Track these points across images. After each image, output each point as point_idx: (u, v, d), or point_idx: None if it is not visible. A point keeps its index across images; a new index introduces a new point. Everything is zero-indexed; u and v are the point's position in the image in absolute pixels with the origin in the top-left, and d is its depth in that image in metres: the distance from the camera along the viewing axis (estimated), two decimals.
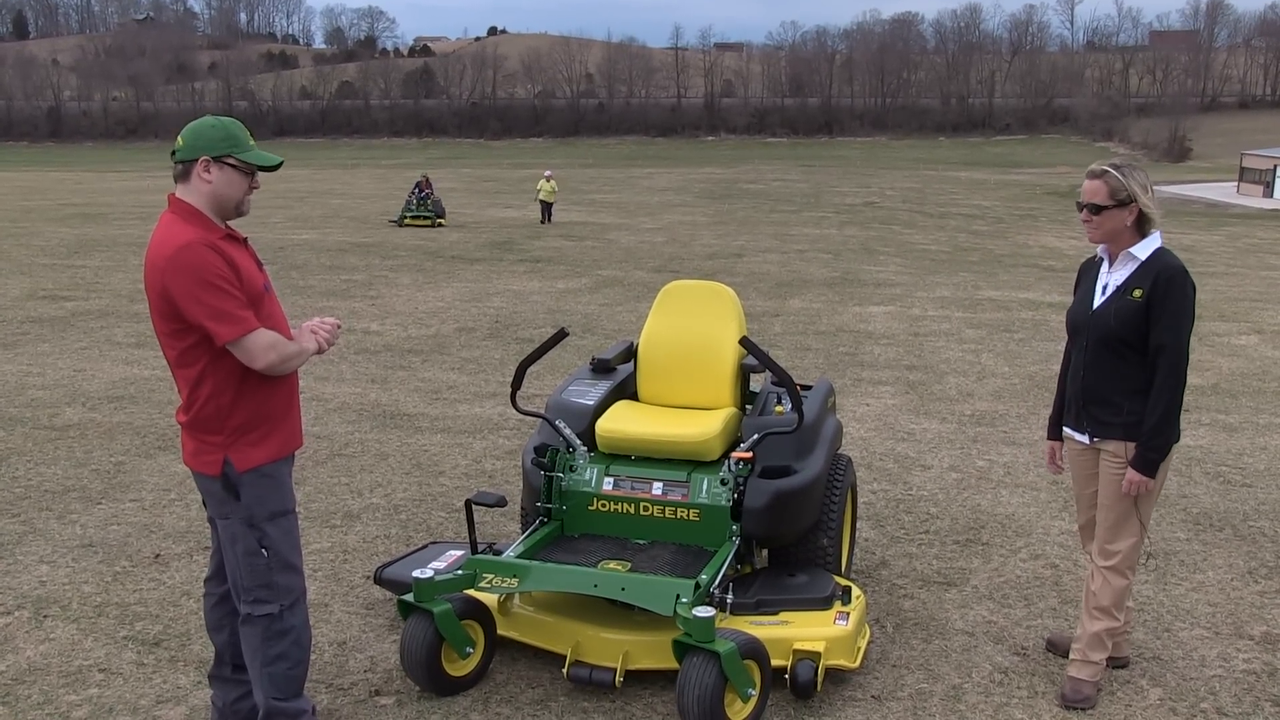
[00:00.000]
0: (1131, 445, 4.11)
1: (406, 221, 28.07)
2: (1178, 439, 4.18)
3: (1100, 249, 4.28)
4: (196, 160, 3.48)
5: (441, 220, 28.45)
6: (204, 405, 3.53)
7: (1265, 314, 14.86)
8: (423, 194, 28.99)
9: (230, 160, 3.50)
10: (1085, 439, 4.30)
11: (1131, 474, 4.09)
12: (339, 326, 3.83)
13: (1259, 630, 4.91)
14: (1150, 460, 4.08)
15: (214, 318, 3.38)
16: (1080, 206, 4.18)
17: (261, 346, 3.45)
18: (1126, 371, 4.12)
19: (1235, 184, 68.79)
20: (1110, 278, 4.21)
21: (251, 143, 3.59)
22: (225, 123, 3.56)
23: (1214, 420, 8.65)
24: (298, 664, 3.71)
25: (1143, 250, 4.12)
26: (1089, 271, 4.39)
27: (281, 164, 3.66)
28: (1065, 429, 4.44)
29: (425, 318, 13.44)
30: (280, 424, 3.65)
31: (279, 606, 3.64)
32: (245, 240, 3.69)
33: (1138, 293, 4.06)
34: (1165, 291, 4.02)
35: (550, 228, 27.83)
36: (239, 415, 3.54)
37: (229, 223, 3.63)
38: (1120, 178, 4.07)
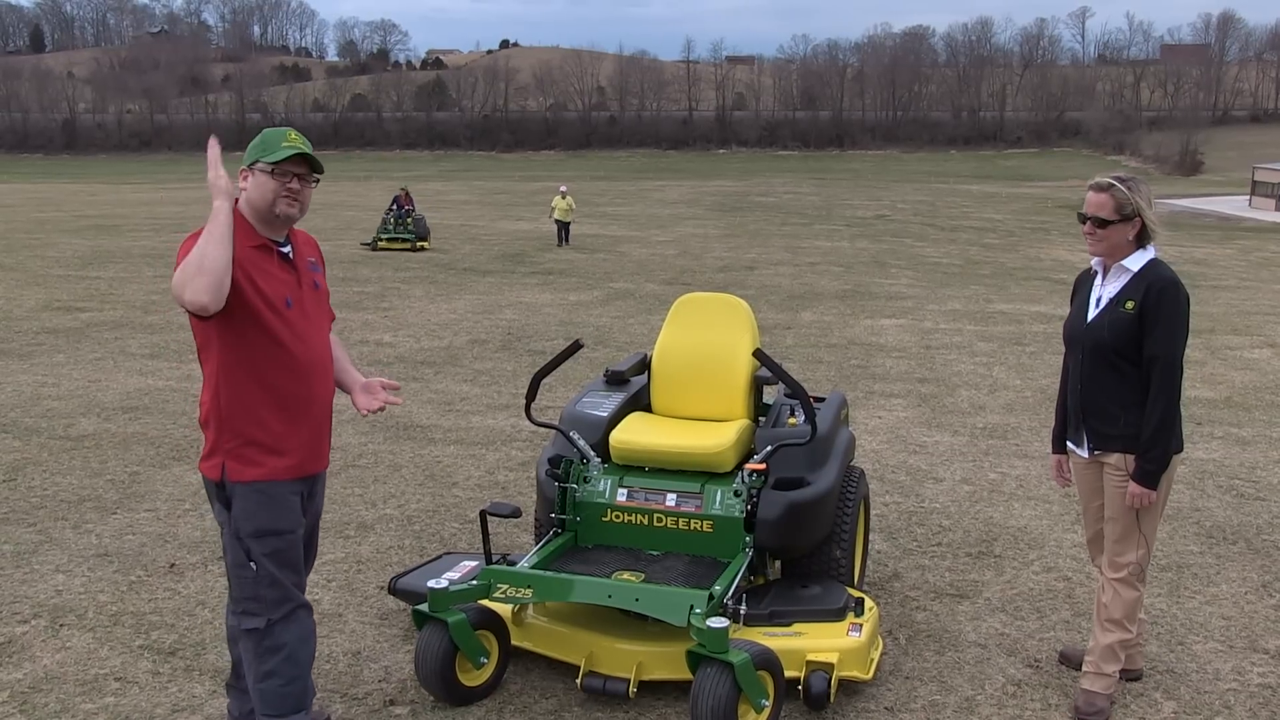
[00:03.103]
0: (1131, 458, 4.11)
1: (381, 245, 24.58)
2: (1180, 449, 4.16)
3: (1095, 261, 4.28)
4: (240, 173, 3.57)
5: (423, 243, 24.81)
6: (210, 407, 3.55)
7: (1278, 327, 14.82)
8: (402, 211, 25.47)
9: (259, 165, 3.52)
10: (1086, 453, 4.30)
11: (1133, 487, 4.09)
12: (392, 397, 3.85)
13: (1274, 644, 4.90)
14: (1149, 472, 4.06)
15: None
16: (1083, 218, 4.16)
17: (187, 277, 3.28)
18: (1122, 384, 4.12)
19: (1247, 197, 68.66)
20: (1104, 290, 4.22)
21: (284, 144, 3.53)
22: (268, 132, 3.60)
23: (1227, 434, 8.63)
24: (291, 681, 3.62)
25: (1135, 262, 4.13)
26: (1084, 284, 4.40)
27: (297, 155, 3.52)
28: (1068, 443, 4.43)
29: (438, 329, 13.48)
30: (286, 444, 3.57)
31: (266, 620, 3.56)
32: (288, 254, 3.64)
33: (1130, 304, 4.07)
34: (1157, 302, 4.02)
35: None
36: (240, 425, 3.51)
37: (288, 230, 3.65)
38: (1127, 192, 4.07)
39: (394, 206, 25.76)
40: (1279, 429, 8.89)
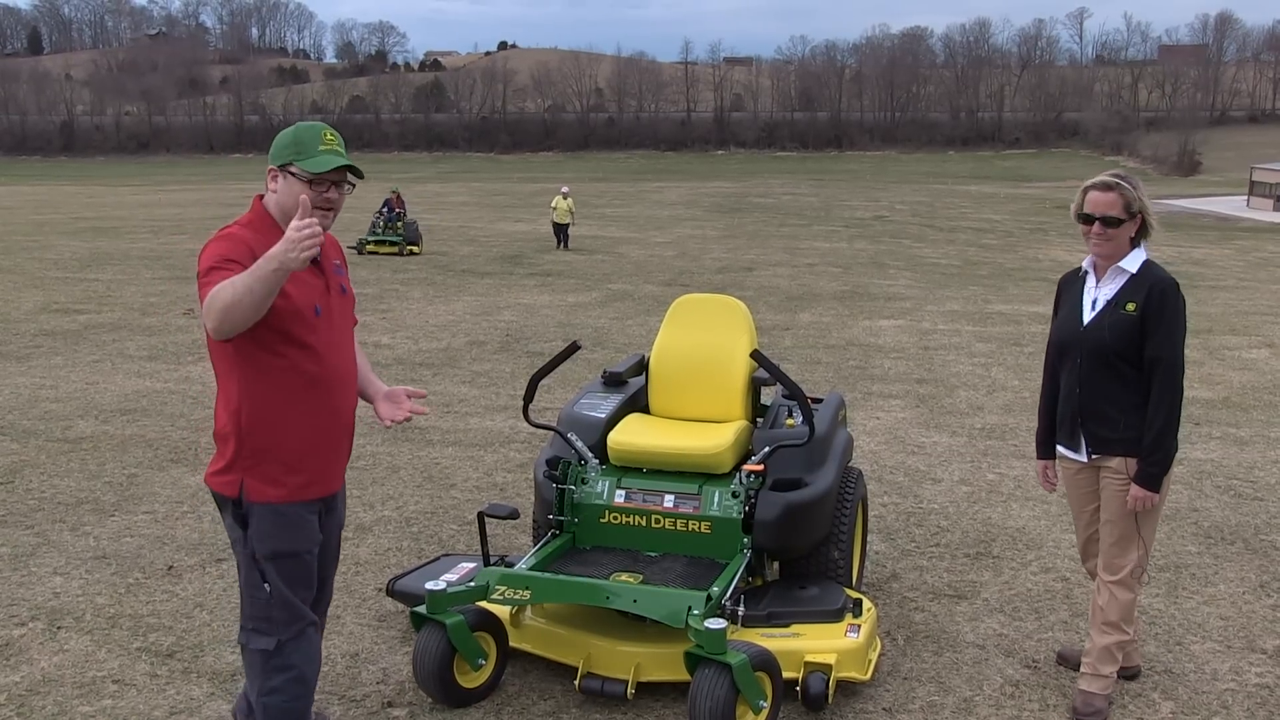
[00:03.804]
0: (1133, 461, 4.07)
1: (368, 248, 23.51)
2: (1175, 450, 4.15)
3: (1087, 262, 4.23)
4: (269, 172, 3.35)
5: (414, 248, 23.91)
6: (228, 420, 3.36)
7: (1276, 327, 14.82)
8: (393, 214, 24.53)
9: (292, 169, 3.29)
10: (1083, 457, 4.25)
11: (1136, 490, 4.06)
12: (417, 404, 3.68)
13: (1272, 644, 4.90)
14: (1153, 475, 4.03)
15: (200, 285, 3.13)
16: (1089, 219, 4.08)
17: (208, 302, 3.05)
18: (1123, 387, 4.07)
19: (1245, 198, 68.72)
20: (1099, 292, 4.15)
21: (322, 147, 3.31)
22: (300, 129, 3.36)
23: (1225, 434, 8.63)
24: (296, 699, 3.49)
25: (1132, 263, 4.09)
26: (1071, 286, 4.32)
27: (339, 168, 3.31)
28: (1059, 448, 4.37)
29: (436, 331, 13.48)
30: (308, 462, 3.40)
31: (276, 641, 3.43)
32: (315, 258, 3.31)
33: (1131, 306, 4.02)
34: (1160, 304, 3.98)
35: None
36: (261, 440, 3.34)
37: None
38: (1132, 189, 4.03)
39: (384, 209, 24.82)
40: (1277, 429, 8.90)
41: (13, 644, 4.74)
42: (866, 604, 4.53)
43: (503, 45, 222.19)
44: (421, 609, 4.24)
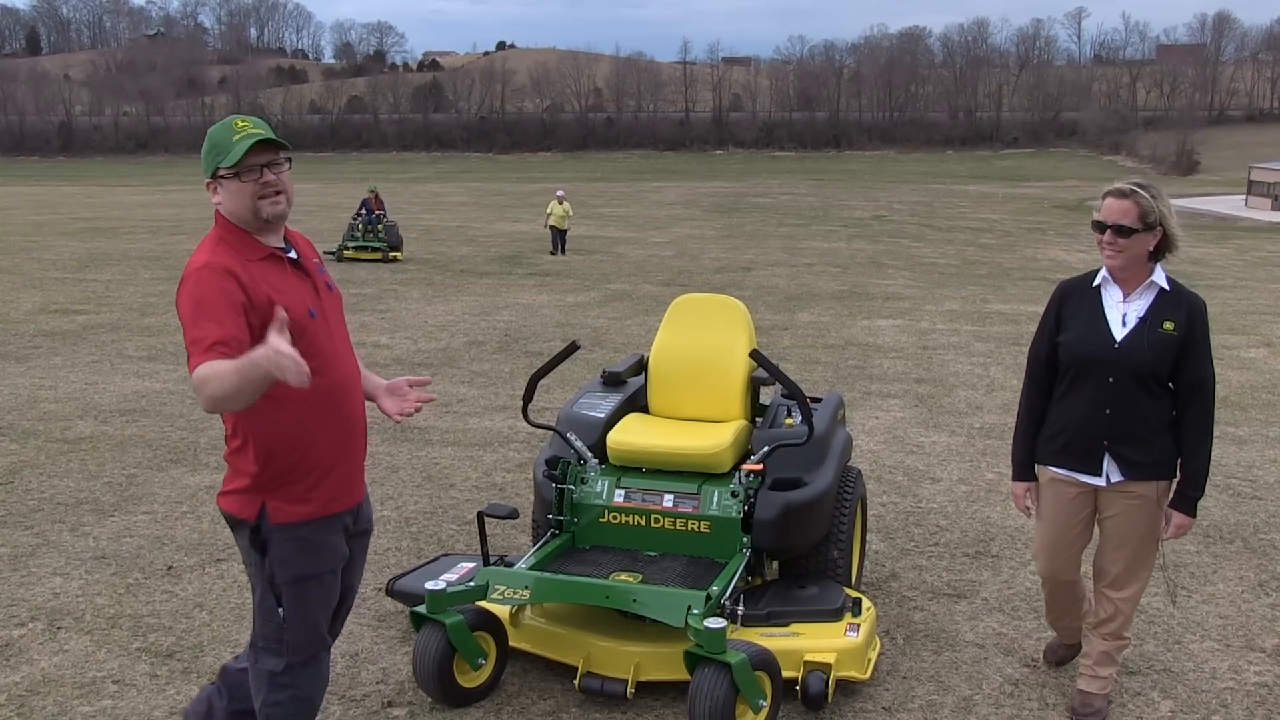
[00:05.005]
0: (1163, 484, 3.97)
1: (347, 254, 21.77)
2: None
3: (1103, 273, 4.04)
4: (207, 186, 3.25)
5: (396, 253, 22.15)
6: (242, 443, 3.23)
7: (1274, 327, 14.83)
8: (372, 216, 22.65)
9: (221, 174, 3.16)
10: (1100, 481, 4.02)
11: (1180, 519, 3.95)
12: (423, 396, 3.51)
13: (1271, 643, 4.91)
14: (1195, 500, 3.94)
15: (190, 347, 2.98)
16: (1102, 227, 3.89)
17: (198, 382, 2.87)
18: (1156, 408, 3.93)
19: (1244, 197, 68.84)
20: (1129, 307, 3.96)
21: (236, 138, 3.14)
22: (212, 133, 3.21)
23: (1223, 433, 8.63)
24: (298, 715, 3.42)
25: (1162, 277, 3.95)
26: (1078, 297, 4.07)
27: (258, 141, 3.13)
28: (1058, 471, 4.11)
29: (435, 331, 13.47)
30: (330, 475, 3.26)
31: (285, 664, 3.35)
32: (297, 260, 3.31)
33: (1170, 325, 3.87)
34: (1201, 324, 3.88)
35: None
36: (279, 460, 3.20)
37: (284, 230, 3.31)
38: (1150, 199, 3.84)
39: (362, 211, 23.01)
40: (1275, 428, 8.90)
41: (13, 644, 4.74)
42: (866, 603, 4.54)
43: (501, 45, 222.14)
44: (421, 609, 4.24)
